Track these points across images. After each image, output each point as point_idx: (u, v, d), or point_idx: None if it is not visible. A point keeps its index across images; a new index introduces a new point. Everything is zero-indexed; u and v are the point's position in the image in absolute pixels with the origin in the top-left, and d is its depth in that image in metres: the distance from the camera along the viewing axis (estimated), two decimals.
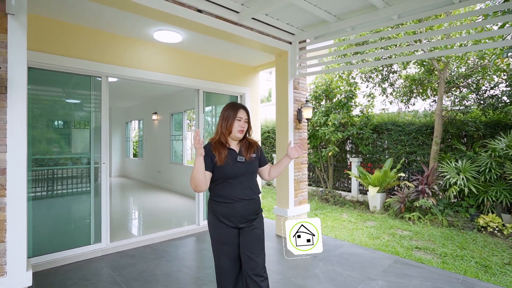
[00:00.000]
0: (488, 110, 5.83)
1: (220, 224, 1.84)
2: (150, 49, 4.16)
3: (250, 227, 1.87)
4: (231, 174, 1.82)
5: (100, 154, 3.70)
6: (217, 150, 1.82)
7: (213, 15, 3.26)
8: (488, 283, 2.95)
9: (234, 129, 1.87)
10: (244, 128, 1.90)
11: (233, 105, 1.94)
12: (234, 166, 1.84)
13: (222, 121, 1.90)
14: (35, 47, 3.16)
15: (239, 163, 1.86)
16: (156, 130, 9.26)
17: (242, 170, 1.85)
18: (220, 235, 1.85)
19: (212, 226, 1.88)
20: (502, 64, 5.84)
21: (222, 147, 1.85)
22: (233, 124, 1.88)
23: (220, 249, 1.86)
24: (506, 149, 4.85)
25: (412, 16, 3.21)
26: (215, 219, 1.85)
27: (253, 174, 1.93)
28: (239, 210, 1.83)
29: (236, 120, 1.88)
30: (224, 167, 1.80)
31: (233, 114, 1.89)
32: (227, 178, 1.82)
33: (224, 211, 1.83)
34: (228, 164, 1.82)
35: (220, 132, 1.89)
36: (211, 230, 1.89)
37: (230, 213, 1.83)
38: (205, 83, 4.73)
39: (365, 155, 7.50)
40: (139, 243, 3.93)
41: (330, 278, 2.99)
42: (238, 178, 1.84)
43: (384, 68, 7.27)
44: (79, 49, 3.50)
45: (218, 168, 1.80)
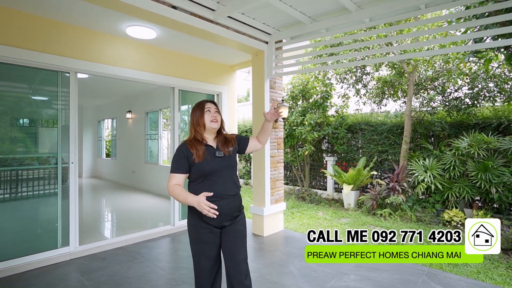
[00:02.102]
0: (452, 111, 6.18)
1: (203, 224, 1.78)
2: (123, 45, 4.03)
3: (233, 224, 1.85)
4: (211, 169, 1.77)
5: (68, 154, 3.54)
6: (194, 147, 1.78)
7: (188, 12, 3.21)
8: (450, 273, 3.14)
9: (206, 121, 1.85)
10: (217, 118, 1.88)
11: (197, 103, 1.94)
12: (213, 161, 1.79)
13: (192, 120, 1.89)
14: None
15: (218, 158, 1.81)
16: (130, 129, 8.98)
17: (222, 165, 1.81)
18: (201, 236, 1.80)
19: (194, 227, 1.82)
20: (465, 68, 6.23)
21: (199, 144, 1.81)
22: (203, 117, 1.85)
23: (201, 250, 1.81)
24: (468, 148, 5.17)
25: (383, 20, 3.34)
26: (198, 220, 1.79)
27: (234, 169, 1.90)
28: (225, 208, 1.78)
29: (205, 112, 1.86)
30: (203, 164, 1.76)
31: (200, 109, 1.88)
32: (207, 175, 1.77)
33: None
34: (207, 160, 1.77)
35: (194, 131, 1.86)
36: (192, 231, 1.83)
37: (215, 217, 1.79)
38: (181, 81, 4.65)
39: (340, 154, 7.70)
40: (111, 246, 3.80)
41: (304, 274, 3.04)
42: (219, 173, 1.79)
43: (357, 69, 7.50)
44: (46, 42, 3.32)
45: (196, 165, 1.75)
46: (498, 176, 4.77)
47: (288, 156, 8.07)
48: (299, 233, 4.53)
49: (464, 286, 2.83)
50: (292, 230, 4.71)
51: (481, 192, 4.99)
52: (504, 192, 4.72)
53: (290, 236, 4.35)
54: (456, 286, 2.82)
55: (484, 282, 2.97)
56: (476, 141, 5.20)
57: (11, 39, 3.09)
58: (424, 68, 6.65)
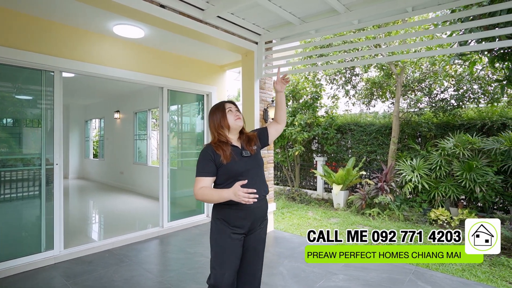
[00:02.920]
0: (438, 112, 6.32)
1: (231, 231, 1.68)
2: (110, 44, 3.95)
3: (259, 230, 1.78)
4: (240, 170, 1.70)
5: (53, 155, 3.44)
6: (220, 148, 1.70)
7: (177, 11, 3.18)
8: (436, 271, 3.20)
9: (230, 120, 1.78)
10: (240, 116, 1.82)
11: (216, 106, 1.86)
12: (241, 161, 1.73)
13: (214, 123, 1.80)
14: None
15: (245, 157, 1.75)
16: (118, 129, 8.83)
17: (250, 165, 1.75)
18: (228, 245, 1.68)
19: (219, 235, 1.70)
20: (451, 70, 6.37)
21: (224, 145, 1.73)
22: (226, 117, 1.78)
23: (227, 262, 1.68)
24: (454, 148, 5.29)
25: (371, 22, 3.37)
26: (225, 226, 1.69)
27: (261, 167, 1.83)
28: (256, 212, 1.71)
29: (228, 113, 1.80)
30: (232, 164, 1.68)
31: (221, 110, 1.80)
32: (237, 176, 1.68)
33: (238, 214, 1.68)
34: (235, 160, 1.70)
35: (217, 134, 1.78)
36: (217, 239, 1.70)
37: (247, 217, 1.70)
38: (170, 81, 4.59)
39: (330, 154, 7.77)
40: (97, 249, 3.71)
41: (294, 274, 3.05)
42: (248, 173, 1.71)
43: (347, 70, 7.58)
44: (29, 40, 3.22)
45: (224, 167, 1.67)
46: (482, 176, 4.89)
47: (279, 157, 8.09)
48: (289, 234, 4.54)
49: (449, 284, 2.89)
50: (282, 230, 4.72)
51: (466, 192, 5.11)
52: (487, 191, 4.84)
53: (280, 237, 4.36)
54: (441, 284, 2.88)
55: (469, 280, 3.03)
56: (461, 141, 5.32)
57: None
58: (411, 69, 6.77)
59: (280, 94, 1.94)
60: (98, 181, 9.80)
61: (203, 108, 5.29)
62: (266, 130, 1.96)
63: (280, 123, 1.98)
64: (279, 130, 1.99)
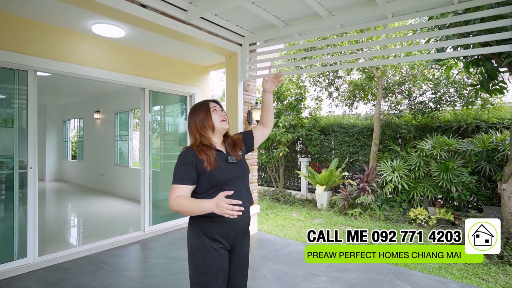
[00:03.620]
0: (417, 114, 6.52)
1: (214, 245, 1.48)
2: (89, 43, 3.82)
3: (242, 244, 1.61)
4: (225, 178, 1.51)
5: (26, 158, 3.29)
6: (203, 153, 1.49)
7: (159, 11, 3.11)
8: (414, 270, 3.30)
9: (215, 121, 1.59)
10: (226, 117, 1.65)
11: (198, 104, 1.66)
12: (227, 168, 1.53)
13: (195, 123, 1.59)
14: None
15: (231, 164, 1.56)
16: (98, 129, 8.57)
17: (236, 172, 1.57)
18: (213, 261, 1.47)
19: (201, 251, 1.48)
20: (429, 74, 6.59)
21: (208, 149, 1.52)
22: (211, 117, 1.58)
23: (214, 280, 1.47)
24: (431, 150, 5.48)
25: (354, 27, 3.43)
26: (207, 241, 1.48)
27: (247, 175, 1.66)
28: (239, 225, 1.54)
29: (212, 112, 1.60)
30: (216, 172, 1.48)
31: (205, 109, 1.61)
32: (221, 185, 1.49)
33: (222, 228, 1.49)
34: (220, 167, 1.50)
35: (199, 136, 1.56)
36: (199, 257, 1.48)
37: (230, 229, 1.51)
38: (152, 81, 4.50)
39: (313, 155, 7.86)
40: (75, 255, 3.58)
41: (277, 277, 3.06)
42: (234, 182, 1.54)
43: (330, 73, 7.69)
44: (1, 38, 3.06)
45: (208, 174, 1.47)
46: (458, 176, 5.09)
47: (263, 158, 8.11)
48: (272, 235, 4.55)
49: (427, 283, 2.99)
50: (266, 232, 4.72)
51: (443, 191, 5.30)
52: (463, 191, 5.05)
53: (264, 239, 4.36)
54: (419, 283, 2.97)
55: (444, 278, 3.14)
56: (439, 143, 5.52)
57: None
58: (392, 73, 6.95)
59: (268, 95, 1.77)
60: (77, 184, 9.47)
61: (186, 109, 5.21)
62: (251, 134, 1.78)
63: (267, 126, 1.81)
64: (265, 134, 1.81)
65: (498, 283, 3.09)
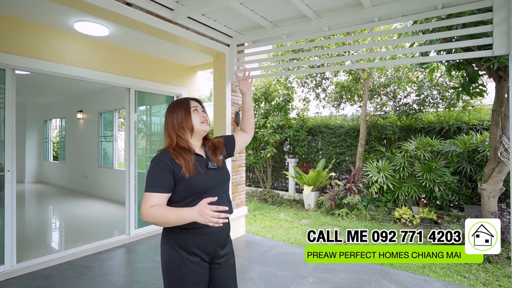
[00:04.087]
0: (402, 116, 6.67)
1: (191, 259, 1.35)
2: (71, 41, 3.69)
3: (222, 259, 1.46)
4: (205, 186, 1.37)
5: (4, 160, 3.14)
6: (181, 157, 1.34)
7: (145, 10, 3.04)
8: (400, 270, 3.36)
9: (195, 122, 1.44)
10: (207, 118, 1.50)
11: (177, 102, 1.50)
12: (207, 175, 1.40)
13: (172, 123, 1.44)
14: None
15: (211, 170, 1.43)
16: (81, 130, 8.33)
17: (217, 179, 1.44)
18: (190, 275, 1.34)
19: (177, 264, 1.34)
20: (413, 76, 6.75)
21: (186, 153, 1.37)
22: (191, 117, 1.44)
23: None
24: (415, 150, 5.61)
25: (341, 29, 3.46)
26: (183, 254, 1.34)
27: (228, 183, 1.53)
28: (218, 236, 1.41)
29: (193, 112, 1.45)
30: (196, 179, 1.34)
31: (184, 108, 1.45)
32: (201, 193, 1.34)
33: (200, 240, 1.35)
34: (200, 174, 1.36)
35: (176, 137, 1.41)
36: (175, 271, 1.35)
37: (208, 242, 1.38)
38: (137, 81, 4.40)
39: (301, 156, 7.91)
40: (56, 261, 3.45)
41: (265, 280, 3.05)
42: (215, 190, 1.40)
43: (317, 74, 7.76)
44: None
45: (186, 181, 1.32)
46: (440, 176, 5.23)
47: (251, 158, 8.10)
48: (260, 237, 4.54)
49: (412, 282, 3.05)
50: (254, 234, 4.71)
51: (426, 191, 5.44)
52: (445, 190, 5.19)
53: (252, 241, 4.34)
54: (404, 283, 3.03)
55: (428, 277, 3.22)
56: (422, 144, 5.66)
57: None
58: (377, 75, 7.08)
59: (247, 97, 1.70)
60: (59, 185, 9.17)
61: None
62: (233, 139, 1.67)
63: (248, 133, 1.73)
64: (246, 140, 1.73)
65: (479, 280, 3.19)
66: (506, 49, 2.37)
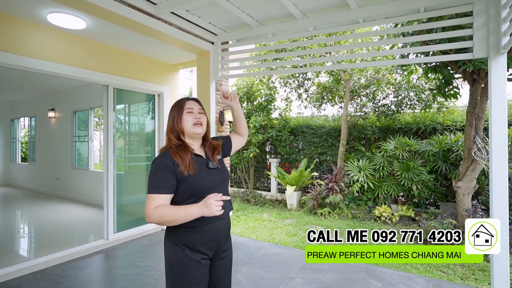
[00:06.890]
0: (381, 116, 6.86)
1: (195, 257, 1.39)
2: (43, 34, 3.45)
3: (225, 253, 1.53)
4: (207, 185, 1.41)
5: None
6: (178, 155, 1.38)
7: (125, 3, 2.89)
8: (384, 267, 3.43)
9: (186, 124, 1.46)
10: (202, 121, 1.50)
11: (176, 102, 1.55)
12: (208, 174, 1.45)
13: (169, 123, 1.50)
14: None
15: (212, 170, 1.47)
16: (53, 129, 7.86)
17: (218, 179, 1.48)
18: (194, 274, 1.38)
19: (181, 263, 1.37)
20: (391, 78, 6.96)
21: (183, 151, 1.41)
22: (182, 118, 1.46)
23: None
24: (394, 150, 5.79)
25: (327, 30, 3.47)
26: (188, 252, 1.38)
27: (228, 181, 1.58)
28: (221, 231, 1.47)
29: (186, 113, 1.47)
30: (198, 178, 1.39)
31: (178, 109, 1.49)
32: (202, 192, 1.38)
33: (203, 237, 1.40)
34: (201, 174, 1.41)
35: (171, 136, 1.47)
36: (178, 270, 1.38)
37: (212, 238, 1.43)
38: (116, 78, 4.19)
39: (283, 156, 7.93)
40: (27, 270, 3.20)
41: (252, 282, 2.99)
42: (216, 189, 1.43)
43: (300, 75, 7.81)
44: None
45: (188, 181, 1.36)
46: (418, 175, 5.42)
47: (233, 158, 8.01)
48: (245, 238, 4.48)
49: (396, 279, 3.12)
50: (238, 235, 4.64)
51: (404, 189, 5.61)
52: (422, 189, 5.38)
53: (237, 242, 4.27)
54: (389, 280, 3.09)
55: (411, 273, 3.31)
56: (400, 144, 5.84)
57: None
58: (358, 76, 7.24)
59: (235, 107, 1.75)
60: (28, 188, 8.61)
61: (154, 108, 4.95)
62: (230, 141, 1.73)
63: (244, 136, 1.81)
64: (241, 143, 1.80)
65: (457, 274, 3.32)
66: (486, 53, 2.48)
